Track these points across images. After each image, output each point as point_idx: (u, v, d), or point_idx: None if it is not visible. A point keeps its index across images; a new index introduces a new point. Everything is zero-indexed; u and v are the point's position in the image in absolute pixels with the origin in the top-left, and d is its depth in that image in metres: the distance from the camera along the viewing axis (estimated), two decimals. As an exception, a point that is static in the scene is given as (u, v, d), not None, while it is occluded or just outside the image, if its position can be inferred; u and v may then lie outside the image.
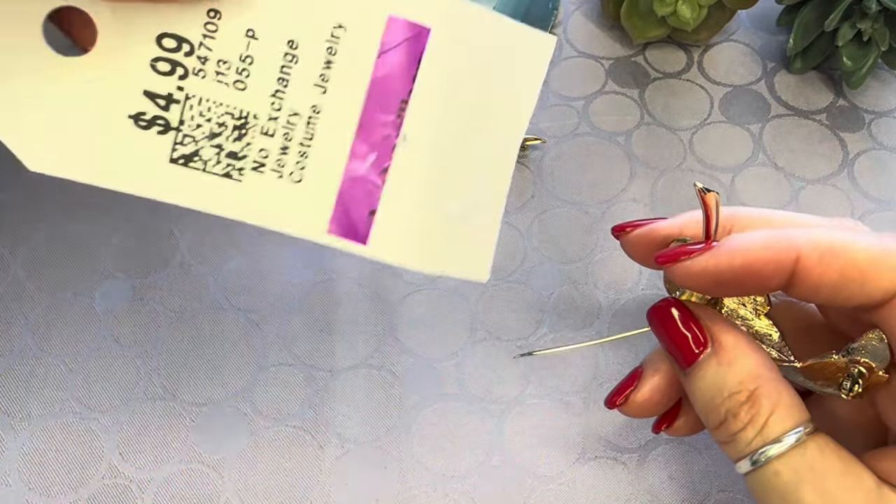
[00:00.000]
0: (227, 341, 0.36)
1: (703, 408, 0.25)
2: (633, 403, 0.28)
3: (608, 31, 0.45)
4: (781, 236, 0.23)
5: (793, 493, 0.23)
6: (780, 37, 0.45)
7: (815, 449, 0.23)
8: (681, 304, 0.26)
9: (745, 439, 0.24)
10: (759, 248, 0.23)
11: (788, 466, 0.23)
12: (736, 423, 0.24)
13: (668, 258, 0.25)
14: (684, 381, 0.26)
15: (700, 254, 0.24)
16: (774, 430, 0.23)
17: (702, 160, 0.41)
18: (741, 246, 0.23)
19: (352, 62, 0.22)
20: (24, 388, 0.35)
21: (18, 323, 0.36)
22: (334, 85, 0.22)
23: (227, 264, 0.38)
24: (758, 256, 0.23)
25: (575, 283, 0.37)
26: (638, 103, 0.43)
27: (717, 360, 0.24)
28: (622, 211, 0.39)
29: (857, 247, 0.23)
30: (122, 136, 0.22)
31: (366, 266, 0.38)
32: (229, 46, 0.22)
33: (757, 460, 0.23)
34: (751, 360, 0.24)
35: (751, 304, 0.27)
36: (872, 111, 0.42)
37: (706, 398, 0.24)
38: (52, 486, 0.33)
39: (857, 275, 0.23)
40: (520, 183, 0.40)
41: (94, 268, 0.38)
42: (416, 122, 0.23)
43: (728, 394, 0.24)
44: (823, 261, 0.23)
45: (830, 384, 0.25)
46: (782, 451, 0.23)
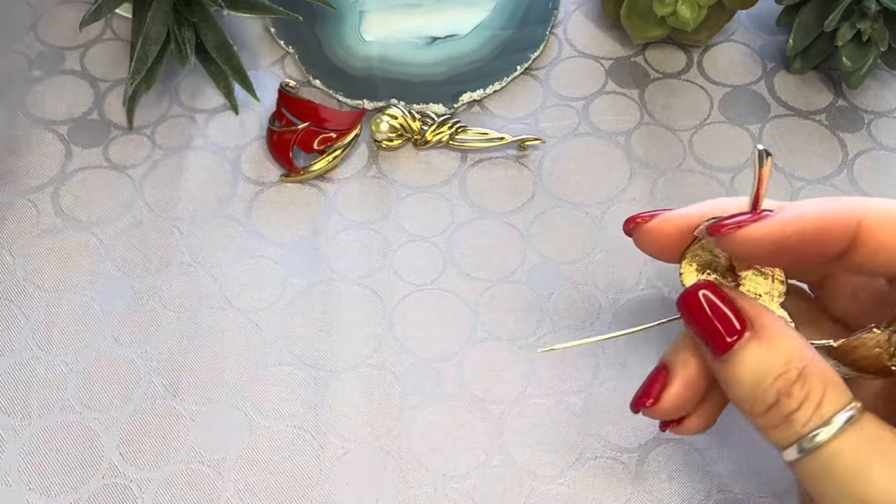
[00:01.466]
0: (227, 341, 0.36)
1: (748, 393, 0.23)
2: (665, 402, 0.26)
3: (608, 31, 0.45)
4: (844, 200, 0.24)
5: (861, 471, 0.22)
6: (779, 37, 0.45)
7: (873, 424, 0.22)
8: (714, 287, 0.25)
9: (801, 419, 0.22)
10: (824, 210, 0.23)
11: (850, 445, 0.22)
12: (790, 403, 0.23)
13: (726, 227, 0.24)
14: (720, 369, 0.24)
15: (761, 220, 0.23)
16: (829, 409, 0.22)
17: (702, 160, 0.41)
18: (805, 210, 0.23)
19: None
20: (24, 388, 0.35)
21: (18, 323, 0.36)
22: None
23: (227, 264, 0.38)
24: (824, 218, 0.23)
25: (575, 283, 0.37)
26: (638, 103, 0.43)
27: (759, 341, 0.23)
28: (622, 211, 0.39)
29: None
30: None
31: (366, 266, 0.38)
32: None
33: (806, 447, 0.22)
34: (794, 339, 0.23)
35: (768, 291, 0.26)
36: (872, 111, 0.42)
37: (751, 382, 0.23)
38: (52, 486, 0.33)
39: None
40: (520, 183, 0.40)
41: (94, 268, 0.38)
42: None
43: (777, 374, 0.23)
44: (887, 223, 0.23)
45: (864, 365, 0.24)
46: (835, 431, 0.22)
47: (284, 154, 0.40)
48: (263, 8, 0.40)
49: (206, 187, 0.40)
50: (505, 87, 0.43)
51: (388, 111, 0.41)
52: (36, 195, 0.40)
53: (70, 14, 0.46)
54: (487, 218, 0.39)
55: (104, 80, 0.44)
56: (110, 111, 0.43)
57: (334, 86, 0.43)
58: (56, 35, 0.45)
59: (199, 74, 0.43)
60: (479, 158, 0.41)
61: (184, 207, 0.39)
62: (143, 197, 0.40)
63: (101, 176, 0.40)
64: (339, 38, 0.44)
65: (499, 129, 0.41)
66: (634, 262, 0.38)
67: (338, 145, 0.40)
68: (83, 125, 0.42)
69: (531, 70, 0.44)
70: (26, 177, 0.40)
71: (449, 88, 0.42)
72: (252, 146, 0.41)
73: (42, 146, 0.41)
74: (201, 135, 0.42)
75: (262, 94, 0.42)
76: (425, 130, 0.40)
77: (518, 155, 0.41)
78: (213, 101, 0.43)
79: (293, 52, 0.44)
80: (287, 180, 0.40)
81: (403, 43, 0.44)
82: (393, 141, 0.41)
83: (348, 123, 0.41)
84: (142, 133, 0.42)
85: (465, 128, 0.41)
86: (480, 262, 0.38)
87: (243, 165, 0.41)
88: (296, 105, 0.41)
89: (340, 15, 0.45)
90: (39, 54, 0.44)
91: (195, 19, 0.40)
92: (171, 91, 0.43)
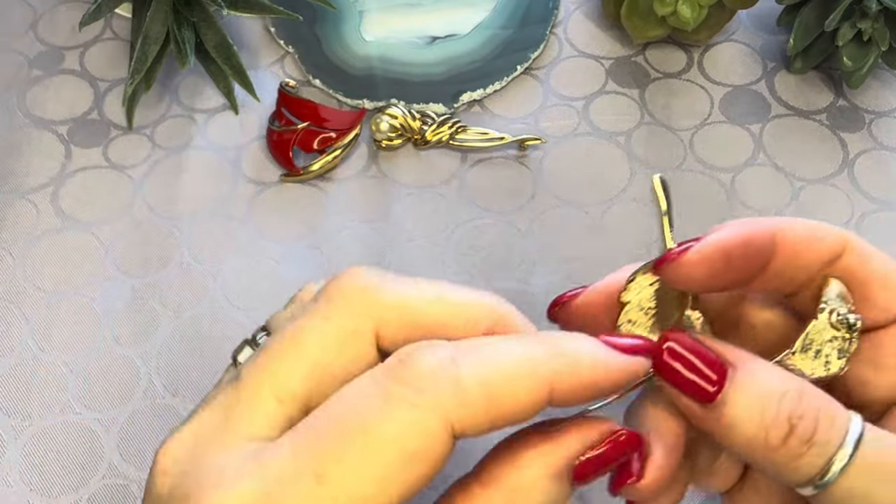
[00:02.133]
0: (227, 341, 0.36)
1: (757, 429, 0.21)
2: (650, 476, 0.23)
3: (608, 31, 0.45)
4: (758, 218, 0.24)
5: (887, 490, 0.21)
6: (780, 37, 0.45)
7: (873, 432, 0.21)
8: (679, 333, 0.23)
9: (824, 440, 0.21)
10: (744, 226, 0.23)
11: (864, 469, 0.21)
12: (806, 425, 0.21)
13: (672, 255, 0.24)
14: (712, 418, 0.22)
15: (697, 241, 0.23)
16: (842, 424, 0.21)
17: (702, 160, 0.41)
18: (727, 229, 0.24)
19: None
20: (24, 388, 0.35)
21: (18, 323, 0.36)
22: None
23: (227, 264, 0.38)
24: (747, 232, 0.23)
25: (575, 283, 0.37)
26: (638, 103, 0.43)
27: (745, 374, 0.22)
28: (622, 211, 0.39)
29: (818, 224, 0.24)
30: None
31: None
32: None
33: (835, 469, 0.21)
34: (772, 366, 0.22)
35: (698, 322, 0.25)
36: (872, 111, 0.42)
37: (756, 417, 0.21)
38: (52, 486, 0.33)
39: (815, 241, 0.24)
40: (520, 183, 0.40)
41: (94, 268, 0.38)
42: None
43: (779, 398, 0.21)
44: (797, 231, 0.23)
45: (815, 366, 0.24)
46: (851, 452, 0.21)
47: (284, 154, 0.40)
48: (263, 8, 0.40)
49: (206, 187, 0.40)
50: (505, 87, 0.43)
51: (388, 111, 0.41)
52: (36, 195, 0.40)
53: (70, 14, 0.46)
54: (487, 218, 0.39)
55: (104, 79, 0.44)
56: (110, 111, 0.43)
57: (334, 85, 0.43)
58: (56, 35, 0.45)
59: (199, 74, 0.43)
60: (479, 158, 0.41)
61: (184, 207, 0.39)
62: (143, 197, 0.40)
63: (101, 176, 0.40)
64: (339, 37, 0.44)
65: (499, 128, 0.41)
66: (634, 262, 0.38)
67: (338, 145, 0.40)
68: (83, 125, 0.42)
69: (531, 70, 0.44)
70: (26, 177, 0.40)
71: (449, 88, 0.42)
72: (252, 146, 0.41)
73: (42, 146, 0.41)
74: (201, 135, 0.42)
75: (262, 94, 0.42)
76: (425, 130, 0.40)
77: (518, 155, 0.41)
78: (213, 100, 0.43)
79: (293, 52, 0.44)
80: (287, 180, 0.40)
81: (403, 43, 0.44)
82: (393, 141, 0.41)
83: (348, 123, 0.41)
84: (142, 133, 0.42)
85: (465, 128, 0.40)
86: (480, 262, 0.38)
87: (243, 165, 0.41)
88: (296, 105, 0.41)
89: (340, 15, 0.45)
90: (39, 54, 0.44)
91: (195, 19, 0.40)
92: (171, 91, 0.43)
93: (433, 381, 0.20)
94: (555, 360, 0.21)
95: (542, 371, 0.21)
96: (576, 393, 0.21)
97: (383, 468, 0.19)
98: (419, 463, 0.19)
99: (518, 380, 0.20)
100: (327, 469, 0.19)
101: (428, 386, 0.20)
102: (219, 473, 0.20)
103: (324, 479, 0.19)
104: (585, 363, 0.21)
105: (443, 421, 0.20)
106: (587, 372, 0.21)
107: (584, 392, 0.21)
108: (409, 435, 0.19)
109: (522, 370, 0.21)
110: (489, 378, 0.20)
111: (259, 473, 0.19)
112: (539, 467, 0.21)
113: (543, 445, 0.21)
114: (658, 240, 0.38)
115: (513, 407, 0.20)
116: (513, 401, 0.20)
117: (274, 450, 0.20)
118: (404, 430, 0.19)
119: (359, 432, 0.19)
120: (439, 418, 0.20)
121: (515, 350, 0.21)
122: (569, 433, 0.22)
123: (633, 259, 0.36)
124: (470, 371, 0.20)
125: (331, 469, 0.19)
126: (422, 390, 0.20)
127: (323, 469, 0.19)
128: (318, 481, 0.19)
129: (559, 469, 0.21)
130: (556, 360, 0.21)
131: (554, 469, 0.21)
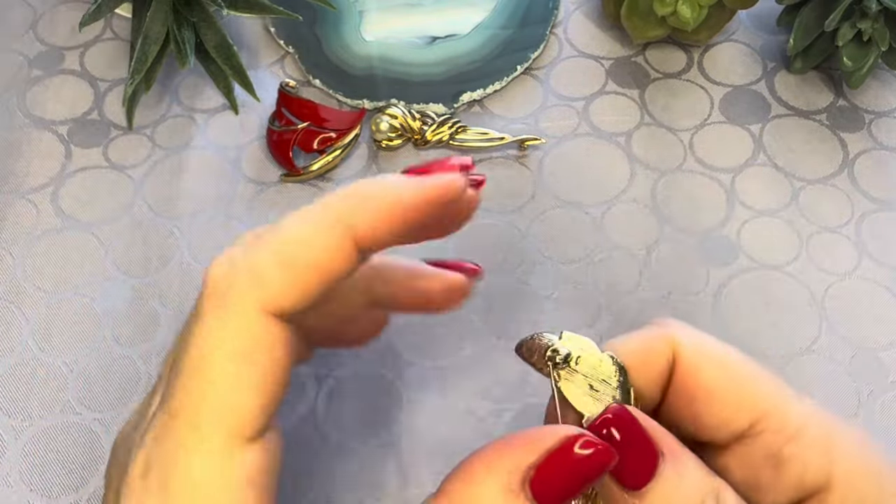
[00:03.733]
0: (228, 341, 0.36)
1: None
2: None
3: (608, 31, 0.45)
4: (656, 327, 0.23)
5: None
6: (780, 37, 0.45)
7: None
8: (624, 412, 0.21)
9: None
10: (646, 333, 0.23)
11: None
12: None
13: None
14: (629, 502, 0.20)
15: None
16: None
17: (702, 160, 0.41)
18: (632, 337, 0.23)
19: None
20: (24, 389, 0.35)
21: (18, 323, 0.36)
22: None
23: (228, 264, 0.38)
24: (649, 339, 0.22)
25: (575, 283, 0.37)
26: (638, 103, 0.43)
27: (672, 469, 0.20)
28: (622, 211, 0.39)
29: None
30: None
31: (366, 266, 0.38)
32: None
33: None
34: (695, 460, 0.21)
35: (609, 376, 0.23)
36: (872, 111, 0.42)
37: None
38: (52, 487, 0.33)
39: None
40: (520, 183, 0.40)
41: (94, 268, 0.38)
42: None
43: (706, 493, 0.20)
44: (691, 341, 0.22)
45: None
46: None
47: (284, 154, 0.40)
48: (263, 8, 0.40)
49: (206, 187, 0.40)
50: (505, 87, 0.43)
51: (388, 111, 0.41)
52: (36, 195, 0.40)
53: (70, 14, 0.46)
54: (487, 218, 0.39)
55: (104, 79, 0.44)
56: (110, 111, 0.43)
57: (334, 86, 0.43)
58: (56, 35, 0.45)
59: (199, 74, 0.43)
60: (479, 158, 0.41)
61: (184, 207, 0.39)
62: (143, 197, 0.40)
63: (101, 176, 0.40)
64: (339, 37, 0.44)
65: (499, 129, 0.41)
66: (634, 262, 0.38)
67: (338, 145, 0.40)
68: (83, 125, 0.42)
69: (531, 70, 0.44)
70: (26, 177, 0.40)
71: (449, 88, 0.42)
72: (252, 146, 0.41)
73: (42, 146, 0.41)
74: (201, 135, 0.42)
75: (262, 94, 0.42)
76: (425, 130, 0.40)
77: (518, 155, 0.41)
78: (213, 100, 0.43)
79: (293, 52, 0.44)
80: (287, 180, 0.40)
81: (403, 43, 0.44)
82: (393, 141, 0.41)
83: (348, 123, 0.41)
84: (142, 133, 0.42)
85: (465, 128, 0.41)
86: (480, 262, 0.38)
87: (243, 165, 0.41)
88: (296, 105, 0.41)
89: (340, 15, 0.45)
90: (39, 54, 0.44)
91: (195, 19, 0.40)
92: (171, 91, 0.43)
93: (228, 283, 0.21)
94: (347, 199, 0.21)
95: (332, 211, 0.21)
96: (381, 221, 0.21)
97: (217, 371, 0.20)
98: (250, 363, 0.20)
99: (305, 226, 0.21)
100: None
101: (224, 289, 0.21)
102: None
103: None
104: (384, 191, 0.22)
105: (258, 307, 0.20)
106: (389, 197, 0.21)
107: (392, 218, 0.21)
108: (237, 337, 0.20)
109: (309, 220, 0.21)
110: (281, 248, 0.21)
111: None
112: (491, 483, 0.20)
113: (493, 457, 0.20)
114: (658, 240, 0.38)
115: (313, 255, 0.21)
116: (309, 249, 0.21)
117: None
118: (231, 340, 0.20)
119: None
120: (255, 310, 0.21)
121: (305, 210, 0.22)
122: (519, 442, 0.20)
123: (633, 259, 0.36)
124: (261, 253, 0.21)
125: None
126: (224, 295, 0.21)
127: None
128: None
129: (509, 483, 0.19)
130: (348, 199, 0.21)
131: (504, 483, 0.19)
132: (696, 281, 0.37)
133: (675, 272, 0.38)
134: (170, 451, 0.20)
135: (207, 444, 0.20)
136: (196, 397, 0.20)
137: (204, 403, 0.20)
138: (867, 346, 0.35)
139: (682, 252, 0.38)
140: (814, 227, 0.39)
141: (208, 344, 0.21)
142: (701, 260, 0.38)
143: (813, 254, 0.38)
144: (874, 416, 0.34)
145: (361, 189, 0.22)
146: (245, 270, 0.21)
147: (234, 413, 0.20)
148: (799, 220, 0.39)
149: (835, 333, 0.36)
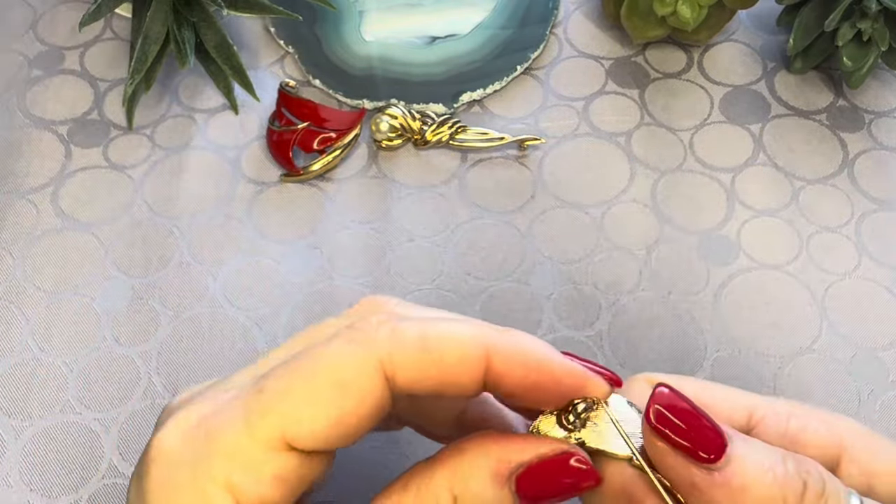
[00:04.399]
0: (227, 341, 0.36)
1: (770, 490, 0.20)
2: None
3: (608, 31, 0.45)
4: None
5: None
6: (780, 37, 0.45)
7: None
8: (673, 391, 0.21)
9: (834, 492, 0.20)
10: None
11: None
12: (816, 480, 0.20)
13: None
14: (718, 482, 0.20)
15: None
16: (838, 482, 0.21)
17: (702, 160, 0.41)
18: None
19: None
20: (24, 388, 0.35)
21: (18, 323, 0.36)
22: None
23: (227, 264, 0.38)
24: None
25: (575, 283, 0.37)
26: (638, 103, 0.43)
27: (738, 437, 0.21)
28: (622, 211, 0.39)
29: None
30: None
31: (366, 266, 0.38)
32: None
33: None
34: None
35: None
36: (872, 111, 0.42)
37: (768, 476, 0.20)
38: (52, 487, 0.33)
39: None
40: (520, 183, 0.40)
41: (94, 268, 0.38)
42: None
43: (784, 456, 0.20)
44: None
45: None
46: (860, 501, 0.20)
47: (284, 154, 0.40)
48: (263, 8, 0.40)
49: (206, 187, 0.40)
50: (505, 87, 0.43)
51: (388, 111, 0.41)
52: (36, 195, 0.40)
53: (70, 14, 0.46)
54: (487, 218, 0.39)
55: (104, 79, 0.44)
56: (110, 111, 0.43)
57: (334, 86, 0.43)
58: (56, 35, 0.45)
59: (199, 74, 0.43)
60: (479, 158, 0.41)
61: (183, 207, 0.39)
62: (142, 197, 0.40)
63: (100, 176, 0.40)
64: (339, 37, 0.44)
65: (499, 129, 0.41)
66: (634, 262, 0.38)
67: (338, 145, 0.40)
68: (83, 125, 0.42)
69: (531, 70, 0.44)
70: (26, 177, 0.40)
71: (449, 88, 0.42)
72: (252, 146, 0.41)
73: (42, 146, 0.41)
74: (201, 135, 0.42)
75: (261, 94, 0.42)
76: (425, 130, 0.40)
77: (518, 155, 0.41)
78: (213, 100, 0.43)
79: (293, 52, 0.44)
80: (287, 180, 0.40)
81: (403, 43, 0.44)
82: (393, 141, 0.41)
83: (348, 123, 0.41)
84: (142, 133, 0.42)
85: (465, 128, 0.40)
86: (480, 262, 0.38)
87: (243, 165, 0.41)
88: (296, 105, 0.41)
89: (340, 15, 0.45)
90: (39, 54, 0.44)
91: (195, 19, 0.40)
92: (171, 91, 0.43)
93: (374, 326, 0.21)
94: (497, 335, 0.22)
95: (481, 338, 0.21)
96: (515, 371, 0.21)
97: (313, 391, 0.21)
98: (349, 393, 0.21)
99: (454, 336, 0.21)
100: (265, 384, 0.21)
101: (368, 328, 0.21)
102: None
103: (261, 391, 0.21)
104: (529, 348, 0.22)
105: (375, 357, 0.21)
106: (531, 356, 0.21)
107: (526, 373, 0.21)
108: (340, 365, 0.21)
109: (460, 331, 0.21)
110: (426, 332, 0.21)
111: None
112: (481, 464, 0.21)
113: (490, 444, 0.21)
114: (658, 240, 0.38)
115: (446, 360, 0.21)
116: (446, 354, 0.21)
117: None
118: (337, 361, 0.21)
119: (299, 361, 0.21)
120: (372, 354, 0.21)
121: (461, 321, 0.22)
122: (518, 439, 0.22)
123: (633, 259, 0.36)
124: (411, 324, 0.21)
125: (268, 384, 0.21)
126: (361, 330, 0.21)
127: (263, 384, 0.21)
128: (258, 391, 0.21)
129: (500, 471, 0.21)
130: (498, 335, 0.22)
131: (494, 470, 0.21)
132: (696, 281, 0.37)
133: (675, 272, 0.38)
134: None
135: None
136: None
137: None
138: (867, 346, 0.35)
139: (682, 252, 0.38)
140: (814, 226, 0.39)
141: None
142: (701, 260, 0.38)
143: (813, 254, 0.38)
144: (874, 416, 0.34)
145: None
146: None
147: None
148: (799, 219, 0.39)
149: (835, 333, 0.36)
